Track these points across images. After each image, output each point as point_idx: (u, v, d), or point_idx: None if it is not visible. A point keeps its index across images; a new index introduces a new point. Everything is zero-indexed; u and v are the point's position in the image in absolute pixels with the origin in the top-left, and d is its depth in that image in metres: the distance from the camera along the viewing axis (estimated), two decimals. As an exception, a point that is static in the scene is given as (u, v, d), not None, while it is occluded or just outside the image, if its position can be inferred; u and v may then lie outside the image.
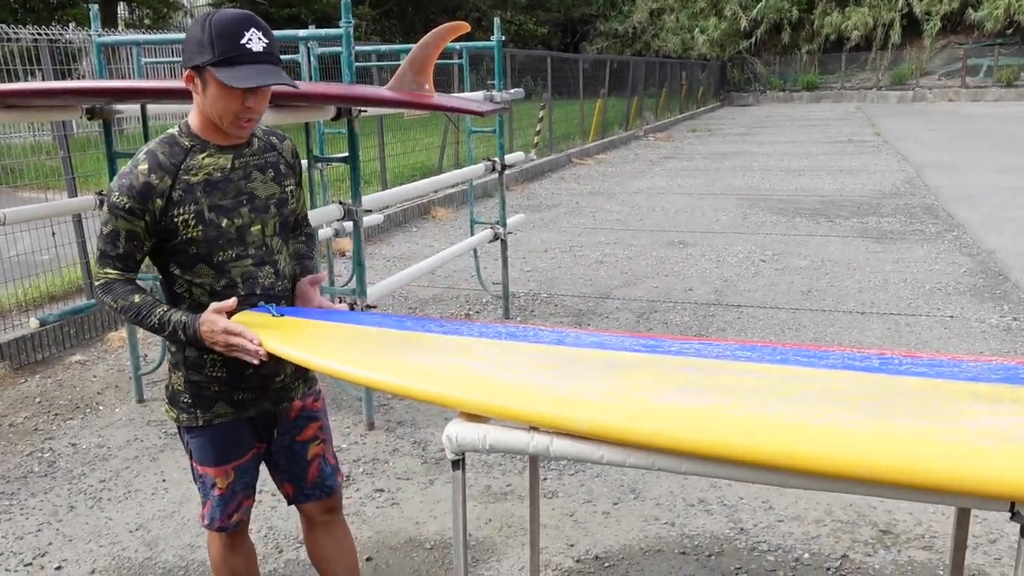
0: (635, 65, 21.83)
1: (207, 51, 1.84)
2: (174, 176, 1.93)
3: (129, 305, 1.97)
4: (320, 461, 2.27)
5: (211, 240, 1.97)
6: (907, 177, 12.00)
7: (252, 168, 2.04)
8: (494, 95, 5.22)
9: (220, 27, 1.85)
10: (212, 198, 1.97)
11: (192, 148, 1.97)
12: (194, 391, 2.09)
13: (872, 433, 1.39)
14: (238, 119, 1.93)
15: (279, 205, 2.09)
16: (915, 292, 6.17)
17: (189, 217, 1.95)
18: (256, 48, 1.86)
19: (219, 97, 1.88)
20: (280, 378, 2.15)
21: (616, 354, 1.84)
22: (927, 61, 32.15)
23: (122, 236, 1.94)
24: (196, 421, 2.11)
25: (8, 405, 4.47)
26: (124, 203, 1.91)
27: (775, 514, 3.23)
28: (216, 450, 2.14)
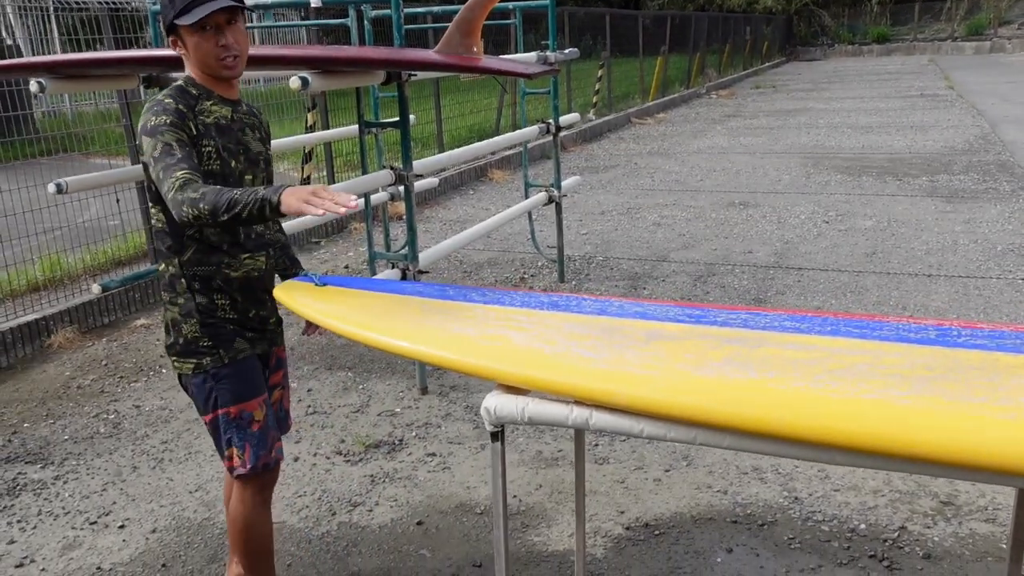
0: (697, 20, 21.31)
1: (169, 9, 2.02)
2: (193, 113, 2.07)
3: (207, 190, 1.92)
4: (277, 406, 2.44)
5: (224, 176, 2.11)
6: (981, 133, 11.52)
7: (245, 125, 2.21)
8: (547, 56, 5.13)
9: None
10: (223, 139, 2.12)
11: (200, 95, 2.12)
12: (213, 333, 2.18)
13: (924, 410, 1.33)
14: (220, 60, 2.06)
15: (265, 163, 2.28)
16: (986, 254, 5.94)
17: (211, 150, 2.08)
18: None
19: (195, 46, 2.05)
20: (272, 320, 2.34)
21: (659, 324, 1.80)
22: (1006, 9, 30.67)
23: (175, 145, 2.00)
24: (222, 360, 2.19)
25: (76, 368, 4.62)
26: (165, 119, 2.01)
27: (831, 483, 3.16)
28: (248, 383, 2.22)
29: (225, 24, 2.05)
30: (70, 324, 5.05)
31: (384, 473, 3.39)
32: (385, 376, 4.35)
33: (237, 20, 2.07)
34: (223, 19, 2.04)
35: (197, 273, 2.17)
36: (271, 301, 2.31)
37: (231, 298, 2.20)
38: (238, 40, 2.08)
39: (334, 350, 4.73)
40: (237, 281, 2.20)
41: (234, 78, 2.15)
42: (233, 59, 2.09)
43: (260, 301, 2.28)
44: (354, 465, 3.46)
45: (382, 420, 3.87)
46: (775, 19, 31.78)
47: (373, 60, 3.34)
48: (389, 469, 3.42)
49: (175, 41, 2.08)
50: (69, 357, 4.78)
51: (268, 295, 2.30)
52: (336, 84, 3.50)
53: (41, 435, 3.83)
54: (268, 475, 2.31)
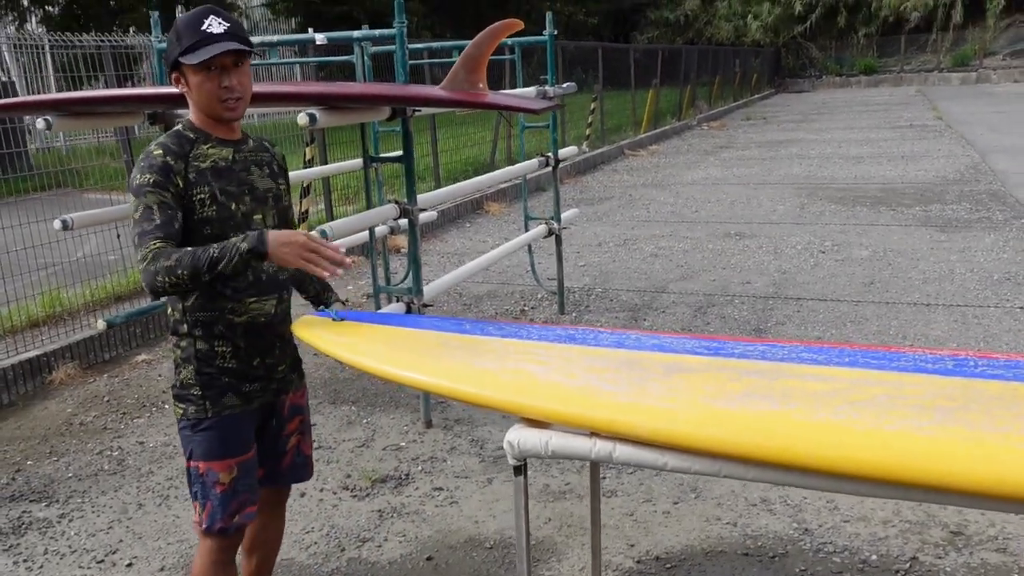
0: (687, 54, 21.57)
1: (175, 47, 2.00)
2: (186, 161, 2.02)
3: (181, 255, 1.91)
4: (294, 451, 2.38)
5: (224, 220, 2.05)
6: (972, 162, 11.65)
7: (250, 163, 2.15)
8: (547, 90, 5.19)
9: (184, 21, 2.01)
10: (220, 183, 2.06)
11: (197, 139, 2.07)
12: (205, 382, 2.12)
13: (948, 440, 1.34)
14: (222, 102, 2.03)
15: (275, 199, 2.20)
16: (983, 283, 5.99)
17: (205, 197, 2.03)
18: (216, 30, 1.98)
19: (198, 85, 2.01)
20: (282, 368, 2.25)
21: (678, 357, 1.81)
22: (991, 41, 31.14)
23: (155, 209, 1.97)
24: (205, 413, 2.13)
25: (78, 404, 4.60)
26: (149, 179, 1.98)
27: (841, 514, 3.16)
28: (222, 442, 2.14)
29: (231, 66, 2.02)
30: (71, 360, 5.04)
31: (392, 508, 3.38)
32: (389, 410, 4.34)
33: (244, 62, 2.05)
34: (229, 61, 2.02)
35: (199, 318, 2.11)
36: (284, 347, 2.25)
37: (233, 345, 2.13)
38: (242, 82, 2.05)
39: (337, 384, 4.72)
40: (241, 327, 2.13)
41: (234, 120, 2.12)
42: (235, 101, 2.05)
43: (267, 348, 2.19)
44: (361, 500, 3.45)
45: (388, 454, 3.86)
46: (763, 51, 32.19)
47: (382, 96, 3.39)
48: (397, 504, 3.41)
49: (178, 78, 2.05)
50: (71, 393, 4.76)
51: (280, 340, 2.22)
52: (342, 120, 3.54)
53: (45, 473, 3.81)
54: (227, 539, 2.20)
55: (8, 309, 5.37)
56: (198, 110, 2.08)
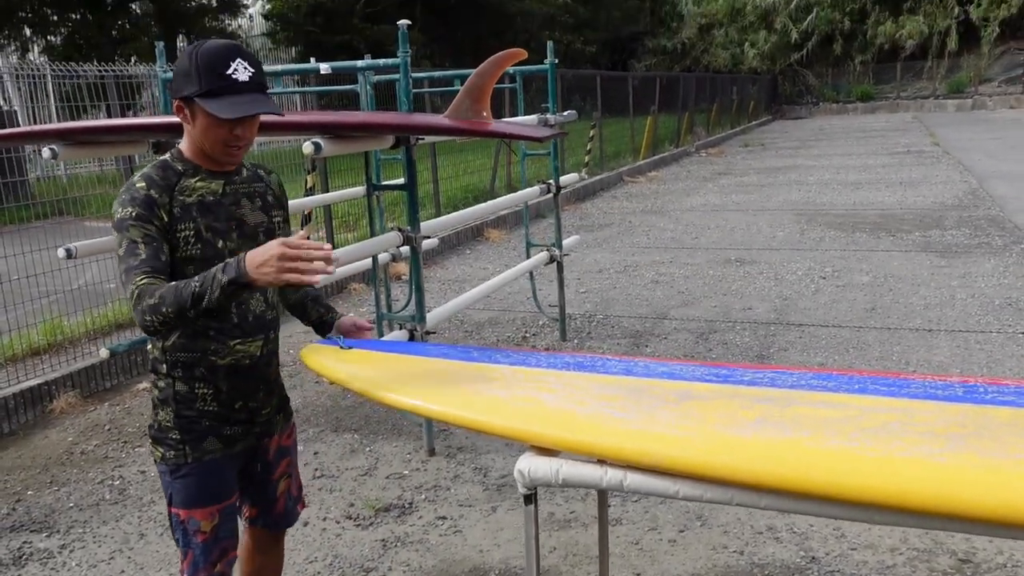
0: (685, 81, 21.73)
1: (194, 83, 1.86)
2: (171, 195, 1.93)
3: (164, 291, 1.81)
4: (286, 496, 2.30)
5: (208, 259, 1.93)
6: (970, 188, 11.71)
7: (241, 195, 2.04)
8: (548, 118, 5.22)
9: (206, 58, 1.86)
10: (207, 219, 1.96)
11: (184, 172, 1.97)
12: (184, 426, 2.03)
13: (963, 467, 1.34)
14: (227, 147, 1.94)
15: (267, 234, 2.06)
16: (984, 308, 5.99)
17: (189, 234, 1.93)
18: (242, 78, 1.87)
19: (208, 127, 1.90)
20: (266, 411, 2.15)
21: (687, 384, 1.81)
22: (986, 68, 31.40)
23: (140, 243, 1.87)
24: (185, 458, 2.03)
25: (79, 433, 4.58)
26: (131, 212, 1.88)
27: (847, 542, 3.14)
28: (203, 489, 2.05)
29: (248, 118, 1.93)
30: (72, 389, 5.02)
31: (395, 537, 3.35)
32: (392, 438, 4.33)
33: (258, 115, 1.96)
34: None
35: (179, 359, 2.01)
36: (269, 389, 2.14)
37: (215, 387, 2.03)
38: (252, 131, 1.97)
39: (339, 412, 4.71)
40: (224, 369, 2.02)
41: (233, 166, 2.03)
42: (239, 149, 1.97)
43: (250, 391, 2.09)
44: (365, 529, 3.43)
45: (391, 483, 3.83)
46: (760, 79, 32.43)
47: (387, 125, 3.41)
48: (400, 533, 3.38)
49: (181, 108, 1.93)
50: (72, 422, 4.74)
51: (264, 383, 2.12)
52: (346, 149, 3.56)
53: (46, 503, 3.78)
54: None
55: (9, 337, 5.36)
56: (195, 146, 1.98)
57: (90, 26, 20.37)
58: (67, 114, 12.33)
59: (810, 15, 33.19)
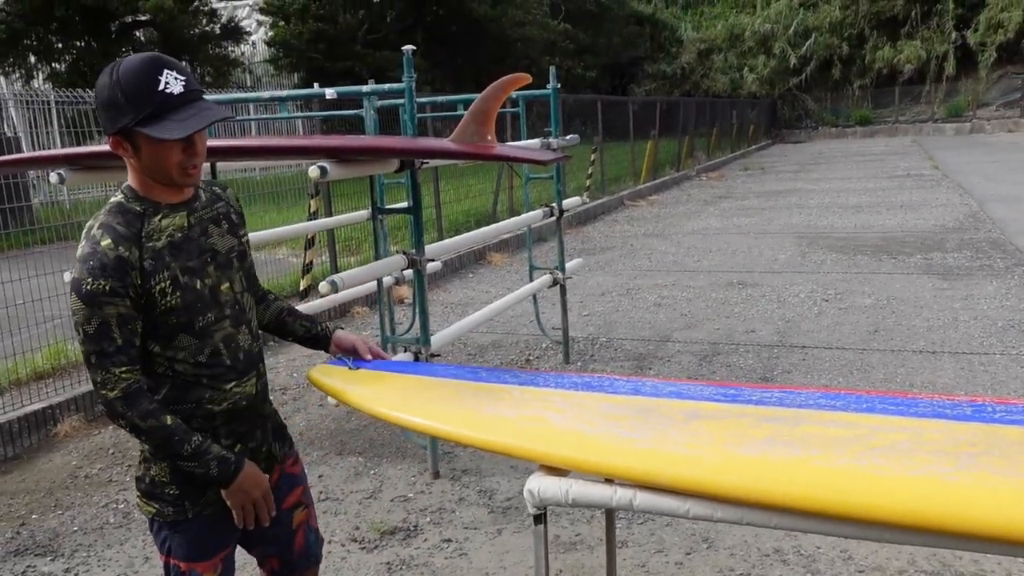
0: (685, 105, 21.87)
1: (126, 111, 1.68)
2: (140, 245, 1.75)
3: (160, 427, 1.75)
4: (305, 529, 2.14)
5: (190, 305, 1.81)
6: (970, 211, 11.74)
7: (207, 222, 1.88)
8: (551, 142, 5.26)
9: (130, 79, 1.68)
10: (179, 261, 1.80)
11: (145, 212, 1.79)
12: (181, 480, 1.87)
13: (975, 486, 1.34)
14: (183, 169, 1.76)
15: (240, 258, 1.95)
16: (987, 330, 6.00)
17: (166, 285, 1.77)
18: (176, 90, 1.70)
19: (156, 154, 1.72)
20: (265, 448, 2.02)
21: (696, 404, 1.82)
22: (983, 92, 31.60)
23: (114, 324, 1.72)
24: (185, 514, 1.89)
25: (83, 456, 4.57)
26: (102, 286, 1.70)
27: (855, 564, 3.13)
28: (205, 543, 1.93)
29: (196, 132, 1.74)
30: (76, 412, 5.02)
31: (401, 560, 3.34)
32: (396, 460, 4.32)
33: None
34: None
35: (175, 410, 1.84)
36: (265, 425, 2.02)
37: (213, 434, 1.89)
38: (203, 145, 1.79)
39: (344, 435, 4.70)
40: (221, 416, 1.90)
41: (195, 186, 1.86)
42: (195, 168, 1.79)
43: (247, 432, 1.97)
44: (370, 552, 3.41)
45: (395, 506, 3.82)
46: (760, 103, 32.63)
47: (394, 149, 3.44)
48: (405, 556, 3.37)
49: (119, 143, 1.74)
50: (76, 446, 4.73)
51: (261, 419, 2.00)
52: (352, 172, 3.58)
53: (50, 527, 3.77)
54: None
55: (14, 361, 5.36)
56: (144, 176, 1.78)
57: (94, 53, 20.54)
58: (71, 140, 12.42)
59: (808, 40, 33.46)
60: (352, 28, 24.40)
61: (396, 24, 26.38)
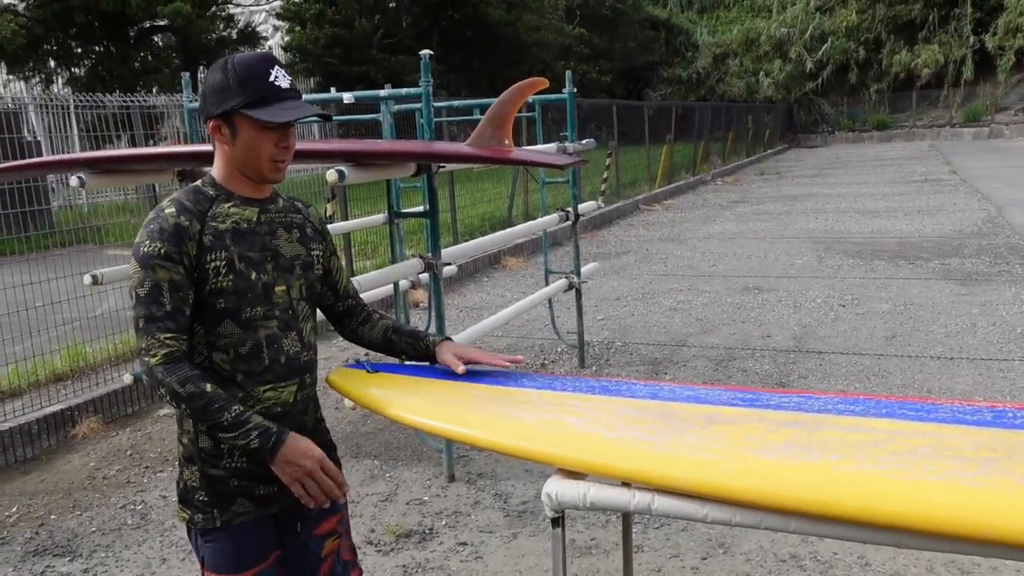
0: (700, 110, 21.84)
1: (235, 94, 1.76)
2: (202, 221, 1.79)
3: (199, 393, 1.72)
4: (333, 558, 2.02)
5: (240, 292, 1.81)
6: (989, 216, 11.66)
7: (277, 225, 1.91)
8: (567, 146, 5.26)
9: (245, 68, 1.77)
10: (240, 247, 1.82)
11: (217, 197, 1.84)
12: (211, 487, 1.85)
13: (995, 492, 1.33)
14: (273, 162, 1.82)
15: (304, 267, 1.93)
16: (1006, 336, 5.95)
17: (220, 264, 1.79)
18: (284, 85, 1.80)
19: (253, 140, 1.78)
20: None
21: (714, 408, 1.81)
22: (1002, 97, 31.39)
23: (165, 289, 1.74)
24: (213, 522, 1.86)
25: (101, 458, 4.61)
26: (158, 249, 1.74)
27: (872, 571, 3.11)
28: (235, 555, 1.88)
29: (291, 127, 1.83)
30: (94, 414, 5.06)
31: (416, 563, 3.35)
32: (412, 464, 4.33)
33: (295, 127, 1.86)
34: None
35: None
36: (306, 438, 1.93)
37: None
38: (293, 143, 1.85)
39: (359, 438, 4.72)
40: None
41: (279, 182, 1.90)
42: (283, 163, 1.84)
43: None
44: (386, 555, 3.42)
45: (411, 509, 3.83)
46: (776, 107, 32.54)
47: (412, 153, 3.45)
48: (421, 559, 3.38)
49: (217, 127, 1.80)
50: (94, 447, 4.77)
51: (301, 430, 1.89)
52: (369, 177, 3.60)
53: (68, 527, 3.80)
54: None
55: (32, 363, 5.41)
56: (232, 166, 1.84)
57: (113, 58, 20.71)
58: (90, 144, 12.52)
59: (825, 44, 33.35)
60: (368, 33, 24.51)
61: (412, 29, 26.48)
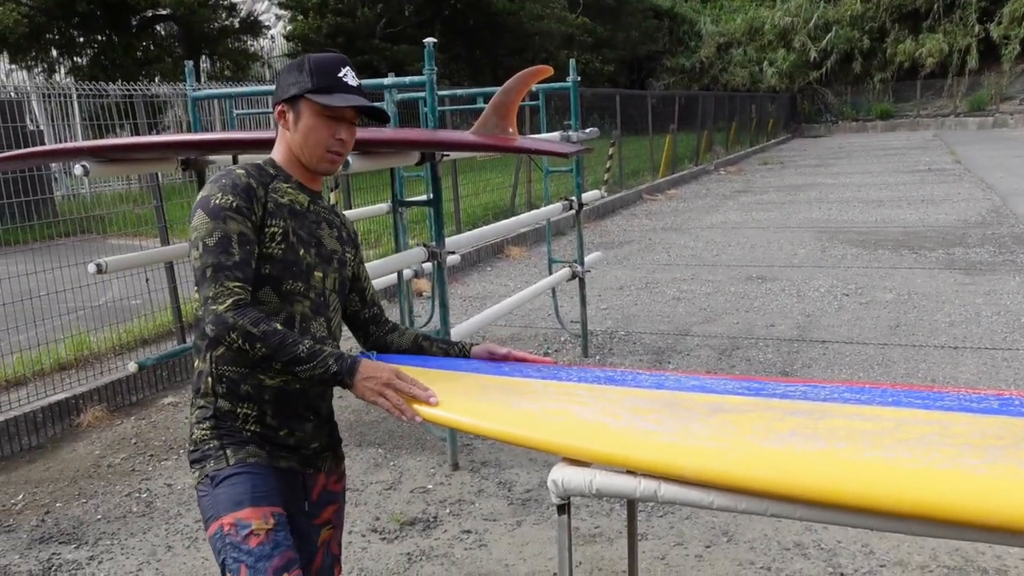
0: (704, 99, 21.77)
1: (305, 82, 1.89)
2: (266, 189, 1.89)
3: (273, 331, 1.76)
4: (324, 549, 2.06)
5: (287, 263, 1.88)
6: (993, 206, 11.63)
7: (322, 218, 2.00)
8: (571, 135, 5.25)
9: (319, 62, 1.91)
10: (294, 223, 1.91)
11: (277, 175, 1.94)
12: (223, 435, 1.88)
13: (1003, 479, 1.33)
14: (328, 152, 1.92)
15: (340, 264, 2.01)
16: (1010, 325, 5.94)
17: (277, 231, 1.87)
18: (351, 83, 1.93)
19: (313, 126, 1.90)
20: (315, 445, 1.99)
21: (720, 397, 1.81)
22: (1007, 86, 31.26)
23: (234, 240, 1.80)
24: (226, 461, 1.86)
25: (106, 446, 4.62)
26: (231, 202, 1.81)
27: (876, 559, 3.12)
28: (251, 489, 1.83)
29: (349, 122, 1.93)
30: (99, 403, 5.07)
31: (421, 551, 3.36)
32: (415, 452, 4.34)
33: (356, 121, 1.96)
34: (351, 116, 1.93)
35: (225, 373, 1.87)
36: (319, 424, 1.99)
37: (259, 409, 1.89)
38: (350, 138, 1.95)
39: (363, 427, 4.72)
40: (271, 391, 1.88)
41: (329, 174, 2.01)
42: (338, 156, 1.94)
43: (295, 420, 1.93)
44: (390, 543, 3.43)
45: (415, 497, 3.84)
46: (779, 97, 32.43)
47: (416, 141, 3.44)
48: (425, 547, 3.39)
49: (283, 112, 1.93)
50: (99, 436, 4.78)
51: (314, 415, 1.97)
52: (373, 165, 3.59)
53: (74, 515, 3.82)
54: None
55: (37, 352, 5.42)
56: (291, 152, 1.95)
57: (115, 47, 20.66)
58: (93, 133, 12.51)
59: (829, 34, 33.20)
60: (370, 22, 24.44)
61: (414, 18, 26.38)
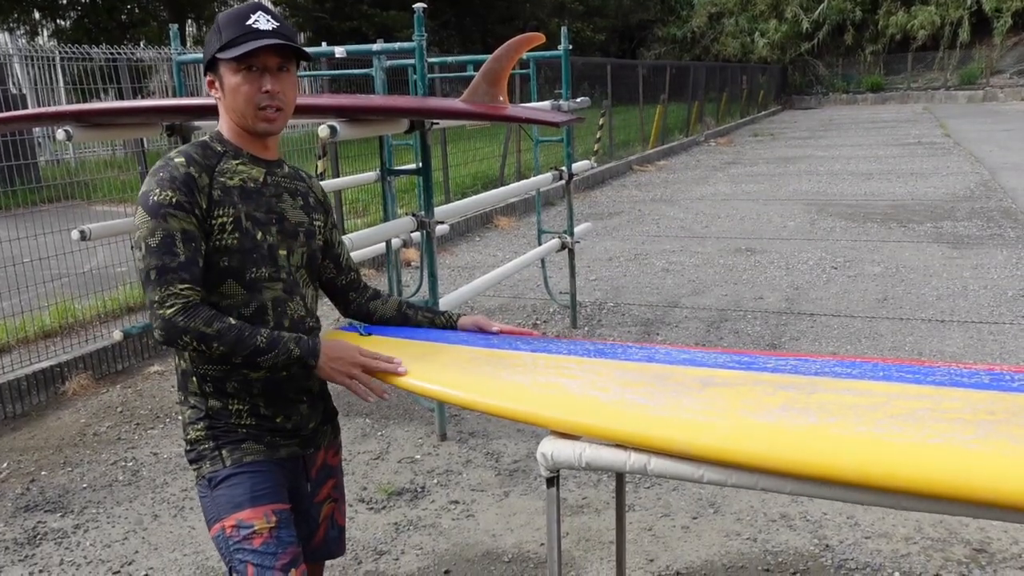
0: (695, 70, 21.64)
1: (214, 43, 1.75)
2: (211, 175, 1.76)
3: (228, 327, 1.70)
4: (328, 523, 2.03)
5: (245, 251, 1.77)
6: (981, 180, 11.64)
7: (283, 189, 1.88)
8: (561, 104, 5.20)
9: (226, 17, 1.77)
10: (248, 206, 1.79)
11: (225, 153, 1.81)
12: (216, 434, 1.82)
13: (995, 454, 1.33)
14: (260, 109, 1.76)
15: (307, 236, 1.90)
16: (997, 299, 5.97)
17: (227, 221, 1.75)
18: (264, 27, 1.74)
19: (235, 87, 1.75)
20: (312, 424, 1.94)
21: (710, 371, 1.80)
22: (997, 59, 31.20)
23: (178, 238, 1.69)
24: (222, 463, 1.80)
25: (92, 415, 4.60)
26: (170, 197, 1.70)
27: (861, 530, 3.14)
28: (250, 489, 1.79)
29: (275, 69, 1.75)
30: (84, 371, 5.03)
31: (408, 521, 3.36)
32: (403, 423, 4.33)
33: (290, 68, 1.79)
34: (274, 63, 1.75)
35: (208, 372, 1.81)
36: (313, 403, 1.94)
37: (250, 404, 1.83)
38: (285, 90, 1.78)
39: (351, 396, 4.70)
40: (259, 384, 1.82)
41: (272, 134, 1.83)
42: (275, 111, 1.77)
43: (291, 404, 1.88)
44: (377, 513, 3.43)
45: (403, 467, 3.84)
46: (770, 68, 32.28)
47: (405, 109, 3.39)
48: (413, 517, 3.39)
49: (212, 82, 1.79)
50: (84, 404, 4.75)
51: (307, 395, 1.91)
52: (361, 133, 3.54)
53: (59, 483, 3.80)
54: None
55: (21, 319, 5.37)
56: (231, 120, 1.81)
57: (99, 10, 20.35)
58: (76, 97, 12.34)
59: (821, 4, 33.00)
60: (359, -13, 24.12)
61: (404, -17, 26.06)
